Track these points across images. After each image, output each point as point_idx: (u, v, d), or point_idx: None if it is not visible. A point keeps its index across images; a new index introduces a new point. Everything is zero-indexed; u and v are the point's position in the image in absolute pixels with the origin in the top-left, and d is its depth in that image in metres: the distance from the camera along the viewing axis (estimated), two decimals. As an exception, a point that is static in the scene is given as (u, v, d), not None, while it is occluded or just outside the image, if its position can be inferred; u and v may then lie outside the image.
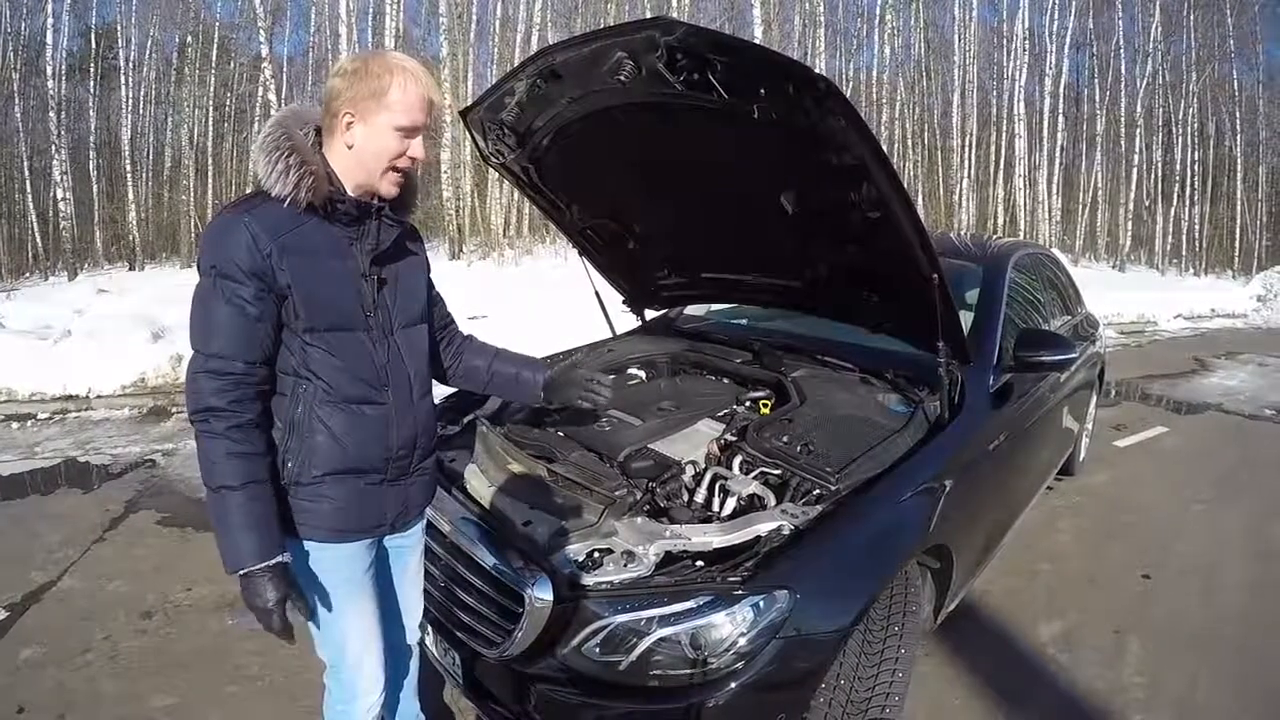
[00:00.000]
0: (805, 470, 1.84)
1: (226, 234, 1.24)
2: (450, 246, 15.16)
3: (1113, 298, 12.11)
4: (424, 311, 1.53)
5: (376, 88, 1.25)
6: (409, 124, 1.28)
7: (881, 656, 1.75)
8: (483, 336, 1.88)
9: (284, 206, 1.26)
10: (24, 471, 4.36)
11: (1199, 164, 21.90)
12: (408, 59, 1.30)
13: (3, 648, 2.56)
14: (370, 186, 1.34)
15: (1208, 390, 6.90)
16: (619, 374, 2.81)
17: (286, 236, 1.25)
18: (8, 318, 7.62)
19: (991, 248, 3.28)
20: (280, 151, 1.25)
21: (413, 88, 1.27)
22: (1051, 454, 3.43)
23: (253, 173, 1.28)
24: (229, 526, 1.26)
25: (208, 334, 1.25)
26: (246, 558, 1.25)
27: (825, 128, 1.67)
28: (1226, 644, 2.66)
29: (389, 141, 1.29)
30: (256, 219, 1.24)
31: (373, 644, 1.52)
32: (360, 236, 1.36)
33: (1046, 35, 19.35)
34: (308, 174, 1.25)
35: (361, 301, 1.36)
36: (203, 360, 1.25)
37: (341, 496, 1.38)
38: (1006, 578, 3.04)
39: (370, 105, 1.26)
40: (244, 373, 1.26)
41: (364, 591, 1.48)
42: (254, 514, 1.26)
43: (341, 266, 1.33)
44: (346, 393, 1.34)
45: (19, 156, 16.30)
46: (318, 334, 1.31)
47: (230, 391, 1.25)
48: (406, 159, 1.32)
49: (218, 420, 1.24)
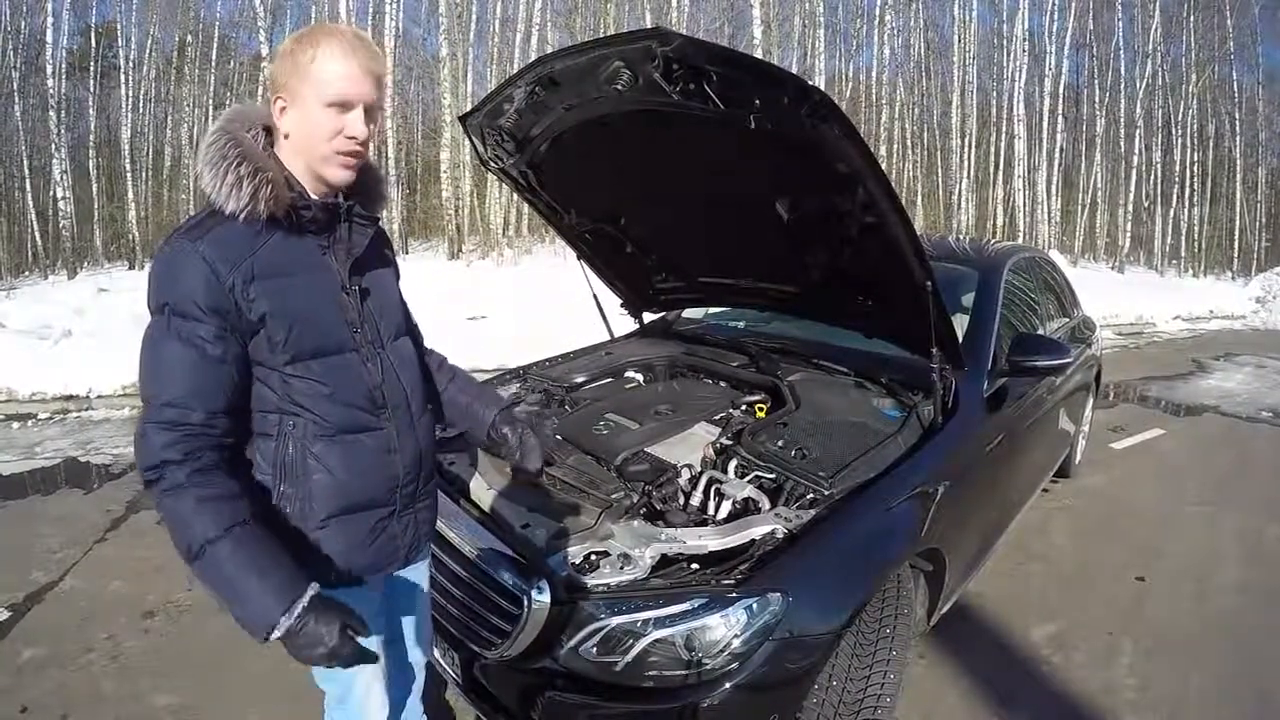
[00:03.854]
0: (799, 474, 1.87)
1: (179, 266, 1.08)
2: (449, 246, 15.20)
3: (1111, 299, 12.13)
4: (406, 321, 1.41)
5: (300, 62, 1.11)
6: (336, 97, 1.11)
7: (874, 658, 1.78)
8: (482, 337, 1.88)
9: (241, 224, 1.10)
10: (25, 471, 4.38)
11: (1198, 165, 21.93)
12: (340, 28, 1.14)
13: (5, 648, 2.58)
14: (318, 176, 1.18)
15: (1205, 392, 6.92)
16: (616, 377, 2.84)
17: (249, 261, 1.10)
18: (8, 317, 7.62)
19: (987, 251, 3.31)
20: (227, 161, 1.10)
21: (339, 56, 1.11)
22: (1047, 457, 3.46)
23: (198, 190, 1.18)
24: (234, 587, 1.05)
25: (160, 380, 1.08)
26: (273, 609, 1.04)
27: (820, 138, 1.70)
28: (1219, 646, 2.69)
29: (320, 120, 1.12)
30: (212, 245, 1.08)
31: (378, 681, 1.43)
32: (332, 243, 1.21)
33: (1046, 36, 19.39)
34: (264, 182, 1.10)
35: (346, 317, 1.21)
36: (155, 411, 1.07)
37: (349, 538, 1.25)
38: (1001, 579, 3.06)
39: (297, 84, 1.11)
40: (203, 424, 1.08)
41: (374, 629, 1.34)
42: (253, 557, 1.06)
43: (318, 282, 1.19)
44: (340, 423, 1.20)
45: (19, 155, 16.37)
46: (301, 363, 1.16)
47: (185, 443, 1.06)
48: (343, 139, 1.14)
49: (175, 470, 1.05)
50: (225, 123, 1.15)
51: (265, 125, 1.18)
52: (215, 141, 1.12)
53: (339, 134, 1.14)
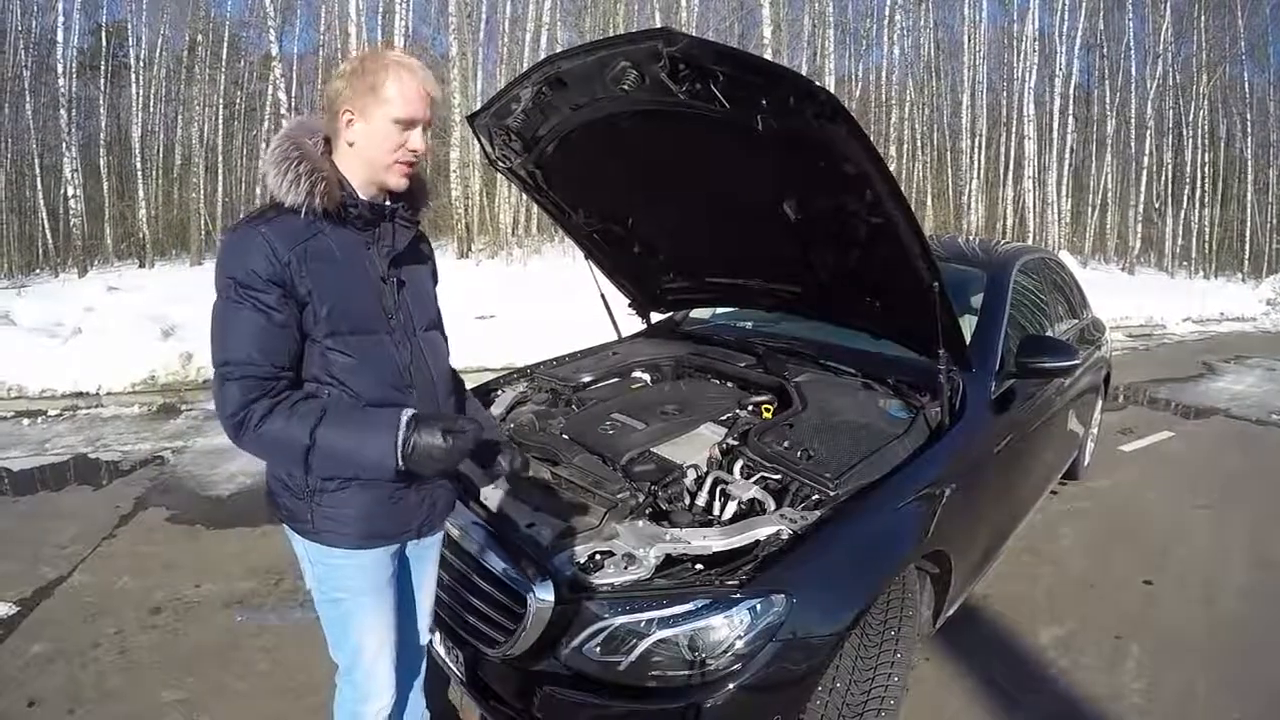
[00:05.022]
0: (805, 475, 1.86)
1: (244, 246, 1.25)
2: (459, 245, 15.20)
3: (1121, 300, 12.07)
4: (439, 316, 1.54)
5: (373, 83, 1.27)
6: (405, 116, 1.29)
7: (878, 660, 1.78)
8: (490, 336, 1.89)
9: (298, 216, 1.28)
10: (35, 468, 4.41)
11: (1209, 166, 21.78)
12: (404, 56, 1.33)
13: (13, 642, 2.60)
14: (378, 182, 1.35)
15: (1215, 395, 6.87)
16: (623, 377, 2.84)
17: (303, 245, 1.27)
18: (18, 314, 7.69)
19: (995, 252, 3.28)
20: (290, 161, 1.27)
21: (408, 80, 1.29)
22: (1055, 459, 3.44)
23: (261, 186, 1.29)
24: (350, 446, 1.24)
25: (232, 343, 1.24)
26: (386, 438, 1.23)
27: (826, 139, 1.69)
28: (1227, 651, 2.66)
29: (388, 135, 1.30)
30: (272, 229, 1.26)
31: (387, 648, 1.53)
32: (376, 239, 1.38)
33: (1056, 36, 19.25)
34: (319, 180, 1.28)
35: (383, 304, 1.37)
36: (229, 369, 1.23)
37: (367, 503, 1.38)
38: (1008, 582, 3.05)
39: (368, 101, 1.28)
40: (272, 376, 1.25)
41: (384, 598, 1.50)
42: (351, 418, 1.27)
43: (361, 270, 1.35)
44: (370, 396, 1.34)
45: (30, 154, 16.47)
46: (339, 338, 1.31)
47: (259, 388, 1.23)
48: (406, 151, 1.32)
49: (257, 406, 1.22)
50: (290, 130, 1.34)
51: (325, 136, 1.36)
52: (280, 145, 1.30)
53: (402, 147, 1.32)
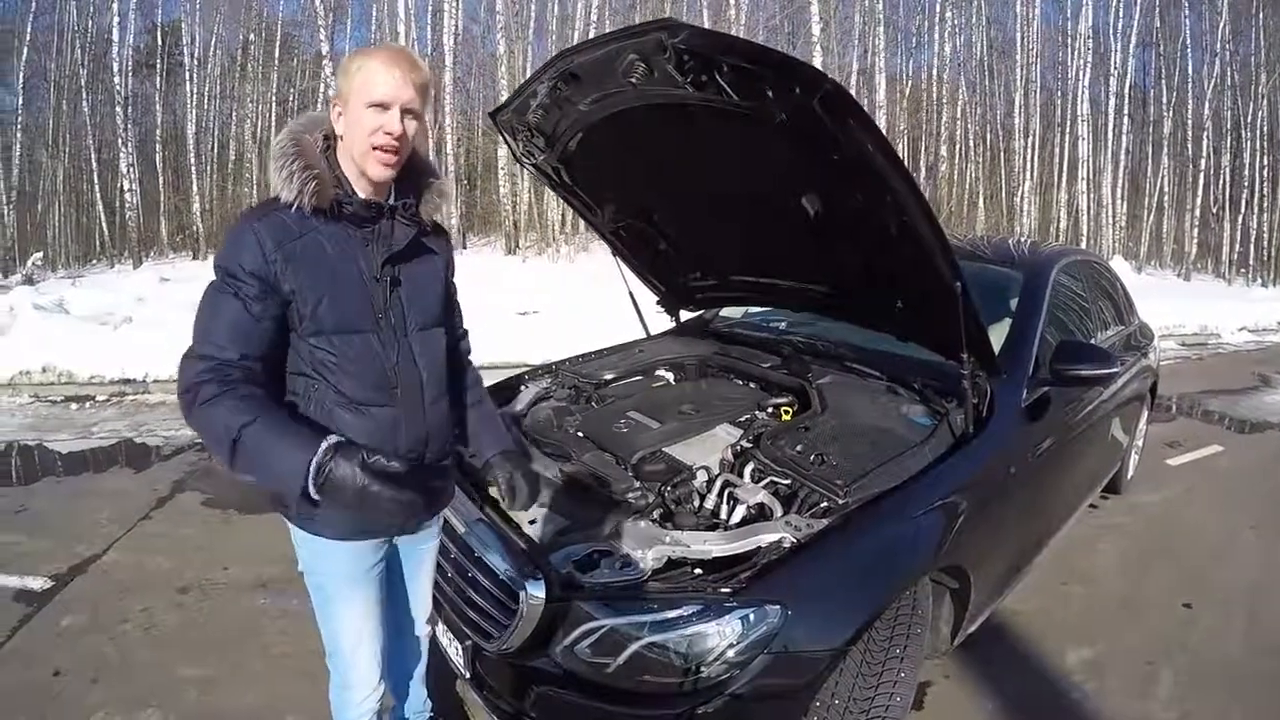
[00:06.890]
0: (815, 481, 1.80)
1: (238, 238, 1.28)
2: (506, 242, 15.32)
3: (1174, 307, 11.62)
4: (442, 314, 1.52)
5: (349, 70, 1.30)
6: (377, 99, 1.27)
7: (881, 678, 1.71)
8: (531, 332, 1.87)
9: (292, 211, 1.29)
10: (80, 450, 4.58)
11: (1268, 169, 20.79)
12: (388, 45, 1.33)
13: (45, 615, 2.70)
14: (364, 173, 1.33)
15: (1269, 408, 6.54)
16: (646, 375, 2.82)
17: (294, 243, 1.28)
18: (72, 303, 7.98)
19: (1035, 253, 3.16)
20: (286, 158, 1.29)
21: (379, 64, 1.28)
22: (1094, 471, 3.31)
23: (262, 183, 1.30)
24: (268, 454, 1.17)
25: (207, 324, 1.26)
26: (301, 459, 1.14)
27: (833, 129, 1.63)
28: (1266, 681, 2.52)
29: (362, 118, 1.28)
30: (266, 226, 1.27)
31: (367, 640, 1.52)
32: (374, 237, 1.37)
33: (1111, 34, 18.65)
34: (310, 179, 1.28)
35: (372, 303, 1.36)
36: (198, 346, 1.25)
37: None
38: (1038, 598, 2.93)
39: (348, 90, 1.29)
40: (236, 362, 1.24)
41: (363, 590, 1.49)
42: (282, 426, 1.20)
43: (350, 268, 1.34)
44: (353, 394, 1.35)
45: (87, 149, 17.15)
46: (323, 336, 1.32)
47: (219, 371, 1.22)
48: (381, 134, 1.29)
49: (209, 387, 1.20)
50: (294, 126, 1.36)
51: (327, 133, 1.37)
52: (280, 141, 1.33)
53: (377, 130, 1.29)
